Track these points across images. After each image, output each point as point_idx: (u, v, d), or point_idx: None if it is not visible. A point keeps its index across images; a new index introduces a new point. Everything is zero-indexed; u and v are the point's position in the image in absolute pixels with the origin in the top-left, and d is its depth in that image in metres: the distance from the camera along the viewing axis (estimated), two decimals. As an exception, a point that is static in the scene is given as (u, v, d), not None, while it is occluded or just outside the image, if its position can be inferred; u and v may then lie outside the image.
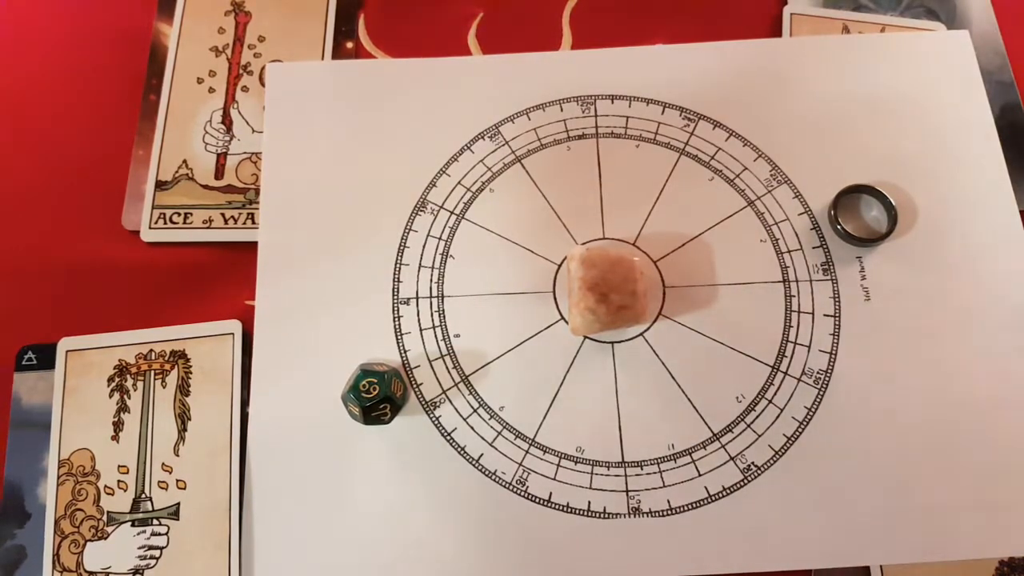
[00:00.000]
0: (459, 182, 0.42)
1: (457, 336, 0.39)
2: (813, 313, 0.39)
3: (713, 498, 0.36)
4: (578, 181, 0.42)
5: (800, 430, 0.37)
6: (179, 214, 0.42)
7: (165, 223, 0.42)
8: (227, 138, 0.44)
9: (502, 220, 0.41)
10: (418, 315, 0.39)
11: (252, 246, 0.41)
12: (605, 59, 0.44)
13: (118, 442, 0.38)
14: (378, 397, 0.36)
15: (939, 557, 0.35)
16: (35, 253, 0.42)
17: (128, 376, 0.39)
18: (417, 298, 0.40)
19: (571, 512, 0.36)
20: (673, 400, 0.38)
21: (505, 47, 0.45)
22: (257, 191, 0.42)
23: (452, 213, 0.41)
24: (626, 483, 0.37)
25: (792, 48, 0.45)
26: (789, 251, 0.40)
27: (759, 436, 0.37)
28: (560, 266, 0.40)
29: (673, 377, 0.38)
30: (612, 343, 0.39)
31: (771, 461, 0.37)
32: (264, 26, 0.46)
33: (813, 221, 0.41)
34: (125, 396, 0.39)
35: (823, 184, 0.41)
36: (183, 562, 0.36)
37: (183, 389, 0.39)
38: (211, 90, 0.45)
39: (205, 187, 0.42)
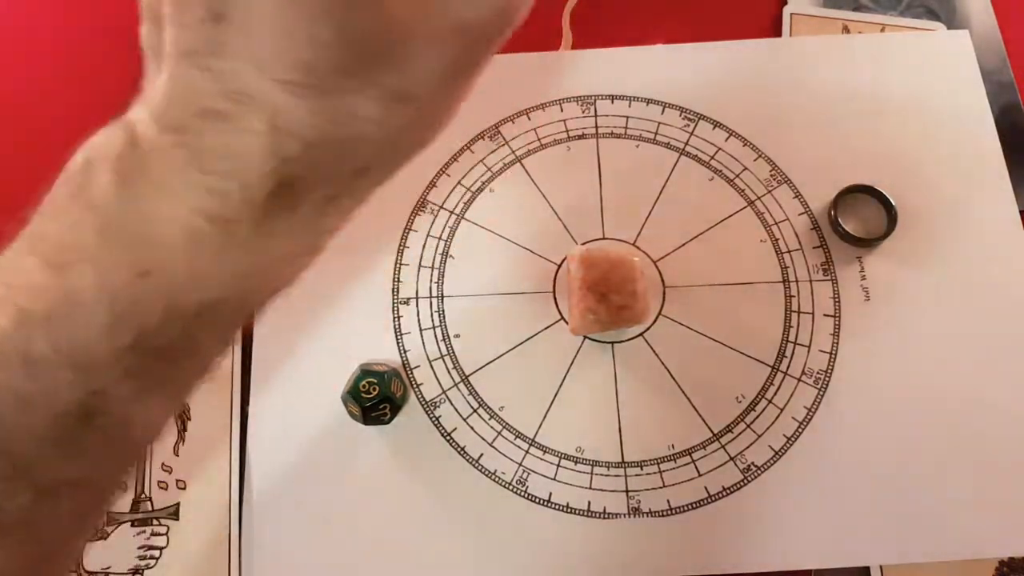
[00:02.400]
0: (459, 182, 0.42)
1: (457, 336, 0.39)
2: (813, 313, 0.39)
3: (713, 498, 0.36)
4: (578, 181, 0.42)
5: (800, 430, 0.37)
6: (179, 214, 0.42)
7: (165, 223, 0.42)
8: (227, 138, 0.43)
9: (502, 220, 0.41)
10: (418, 315, 0.39)
11: (252, 246, 0.41)
12: (605, 59, 0.44)
13: (118, 442, 0.38)
14: (378, 397, 0.36)
15: (939, 557, 0.35)
16: (35, 253, 0.42)
17: (128, 376, 0.39)
18: (417, 298, 0.40)
19: (571, 512, 0.36)
20: (673, 400, 0.38)
21: (505, 47, 0.45)
22: (257, 191, 0.42)
23: (452, 213, 0.41)
24: (626, 483, 0.36)
25: (792, 48, 0.45)
26: (789, 251, 0.40)
27: (759, 436, 0.37)
28: (560, 266, 0.40)
29: (673, 377, 0.38)
30: (612, 343, 0.39)
31: (771, 461, 0.37)
32: (264, 26, 0.46)
33: (813, 221, 0.41)
34: (125, 396, 0.38)
35: (823, 184, 0.41)
36: (183, 562, 0.36)
37: (183, 389, 0.39)
38: (211, 90, 0.45)
39: (205, 187, 0.42)
